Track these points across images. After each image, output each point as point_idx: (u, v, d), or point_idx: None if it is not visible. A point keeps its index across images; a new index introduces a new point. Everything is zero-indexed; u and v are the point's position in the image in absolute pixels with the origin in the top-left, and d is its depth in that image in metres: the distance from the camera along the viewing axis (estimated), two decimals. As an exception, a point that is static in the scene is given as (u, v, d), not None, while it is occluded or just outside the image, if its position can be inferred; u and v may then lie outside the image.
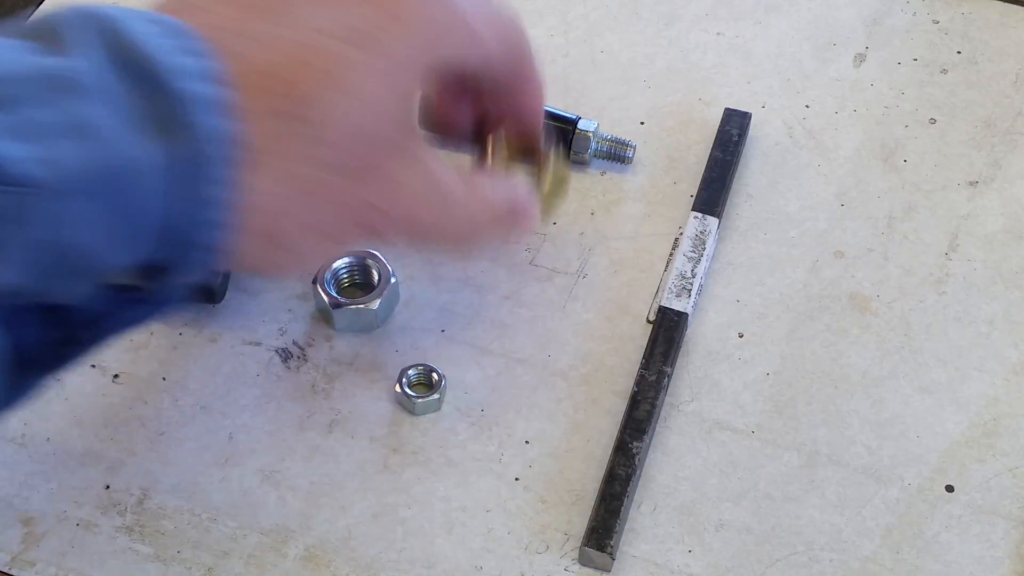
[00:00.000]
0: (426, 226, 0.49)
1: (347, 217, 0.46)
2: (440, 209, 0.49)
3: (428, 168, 0.48)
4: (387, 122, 0.46)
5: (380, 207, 0.47)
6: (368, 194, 0.46)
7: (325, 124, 0.43)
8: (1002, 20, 0.72)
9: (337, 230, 0.46)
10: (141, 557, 0.53)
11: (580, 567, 0.53)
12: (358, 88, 0.44)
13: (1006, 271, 0.62)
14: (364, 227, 0.47)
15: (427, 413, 0.57)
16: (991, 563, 0.53)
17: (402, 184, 0.47)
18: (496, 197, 0.52)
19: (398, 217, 0.48)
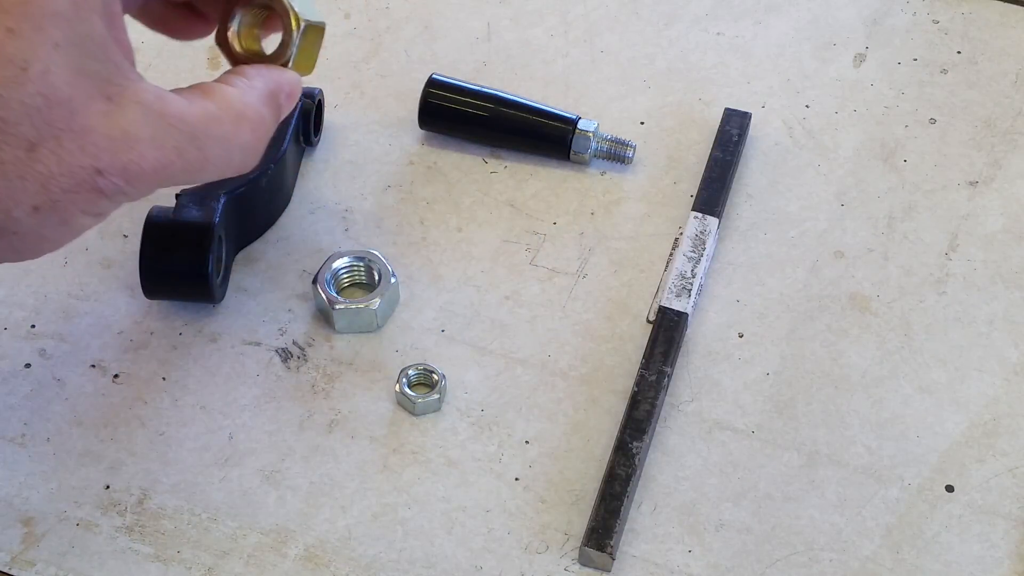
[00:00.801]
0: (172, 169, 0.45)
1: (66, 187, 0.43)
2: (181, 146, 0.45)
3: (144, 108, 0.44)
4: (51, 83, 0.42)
5: (97, 167, 0.43)
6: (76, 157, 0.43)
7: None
8: (1002, 20, 0.72)
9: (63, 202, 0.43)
10: (141, 557, 0.53)
11: (580, 567, 0.53)
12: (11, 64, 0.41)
13: (1006, 271, 0.62)
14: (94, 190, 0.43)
15: (427, 413, 0.57)
16: (991, 563, 0.53)
17: (114, 136, 0.43)
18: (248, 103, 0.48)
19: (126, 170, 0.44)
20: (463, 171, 0.66)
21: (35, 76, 0.41)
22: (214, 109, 0.47)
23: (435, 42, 0.71)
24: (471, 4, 0.73)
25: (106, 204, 0.44)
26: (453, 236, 0.63)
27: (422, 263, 0.62)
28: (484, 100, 0.65)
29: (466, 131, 0.67)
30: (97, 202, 0.44)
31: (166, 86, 0.70)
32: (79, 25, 0.43)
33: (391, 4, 0.73)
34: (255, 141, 0.48)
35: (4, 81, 0.41)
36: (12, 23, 0.41)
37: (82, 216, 0.44)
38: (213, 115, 0.46)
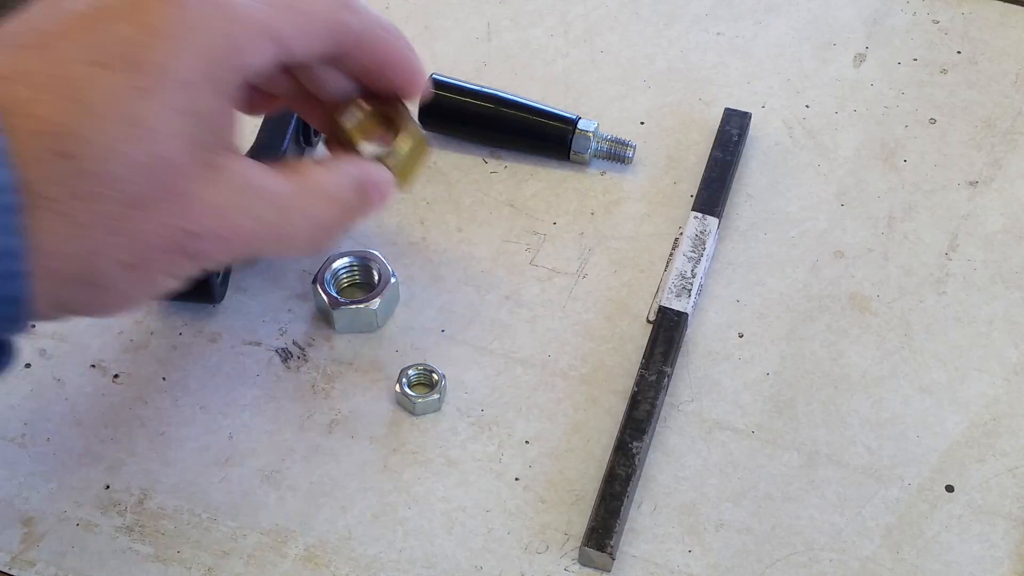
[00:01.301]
0: (258, 239, 0.47)
1: (158, 246, 0.44)
2: (270, 218, 0.47)
3: (242, 180, 0.46)
4: (170, 145, 0.43)
5: (192, 230, 0.44)
6: (174, 219, 0.44)
7: (93, 158, 0.42)
8: (1002, 20, 0.72)
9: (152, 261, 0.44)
10: (141, 557, 0.53)
11: (580, 567, 0.53)
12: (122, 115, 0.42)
13: (1006, 271, 0.62)
14: (183, 253, 0.45)
15: (427, 413, 0.57)
16: (991, 563, 0.53)
17: (213, 203, 0.45)
18: (337, 185, 0.50)
19: (218, 237, 0.45)
20: (463, 171, 0.66)
21: (152, 137, 0.43)
22: (304, 187, 0.48)
23: (435, 42, 0.71)
24: (471, 4, 0.73)
25: (191, 267, 0.46)
26: (453, 236, 0.63)
27: (422, 263, 0.62)
28: (484, 100, 0.65)
29: (466, 131, 0.67)
30: (184, 265, 0.45)
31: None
32: (201, 97, 0.44)
33: (391, 4, 0.73)
34: (338, 223, 0.50)
35: (123, 136, 0.42)
36: (144, 83, 0.42)
37: (165, 277, 0.45)
38: (303, 192, 0.48)
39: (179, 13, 0.43)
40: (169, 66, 0.43)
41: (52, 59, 0.42)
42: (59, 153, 0.41)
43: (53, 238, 0.42)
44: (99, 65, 0.42)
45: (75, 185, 0.42)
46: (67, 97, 0.42)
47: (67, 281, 0.43)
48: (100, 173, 0.42)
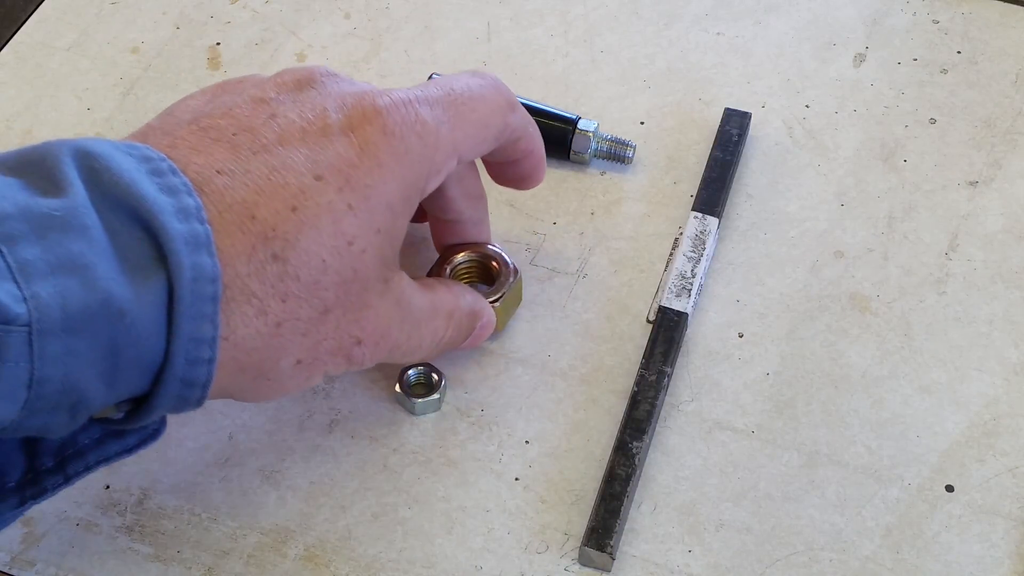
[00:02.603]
0: (399, 347, 0.50)
1: (324, 346, 0.47)
2: (411, 331, 0.51)
3: (401, 295, 0.50)
4: (365, 261, 0.46)
5: (358, 336, 0.48)
6: (350, 327, 0.47)
7: (301, 264, 0.44)
8: (1002, 20, 0.72)
9: (318, 360, 0.47)
10: (141, 557, 0.53)
11: (580, 567, 0.53)
12: (333, 228, 0.45)
13: (1006, 271, 0.62)
14: (345, 356, 0.48)
15: (427, 413, 0.57)
16: (991, 563, 0.53)
17: (380, 314, 0.48)
18: (459, 310, 0.54)
19: (376, 345, 0.49)
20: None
21: (356, 252, 0.46)
22: (435, 305, 0.52)
23: (435, 42, 0.71)
24: (471, 4, 0.73)
25: (344, 368, 0.49)
26: (453, 236, 0.63)
27: (422, 263, 0.62)
28: (484, 100, 0.65)
29: (466, 131, 0.66)
30: (342, 366, 0.48)
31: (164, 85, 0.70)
32: (397, 219, 0.48)
33: (391, 4, 0.73)
34: (450, 343, 0.54)
35: (331, 250, 0.45)
36: (354, 201, 0.46)
37: (319, 376, 0.48)
38: (434, 310, 0.52)
39: (389, 141, 0.47)
40: (378, 189, 0.46)
41: (272, 165, 0.45)
42: (272, 255, 0.44)
43: (247, 332, 0.44)
44: (317, 178, 0.45)
45: (280, 287, 0.44)
46: (285, 204, 0.44)
47: (244, 371, 0.45)
48: (305, 279, 0.45)
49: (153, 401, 0.43)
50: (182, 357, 0.42)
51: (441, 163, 0.49)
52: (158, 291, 0.41)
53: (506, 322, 0.59)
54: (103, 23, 0.72)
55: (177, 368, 0.42)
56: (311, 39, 0.71)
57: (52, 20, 0.73)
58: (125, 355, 0.41)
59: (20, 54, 0.71)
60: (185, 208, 0.42)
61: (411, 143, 0.48)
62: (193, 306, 0.41)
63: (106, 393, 0.42)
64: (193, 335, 0.42)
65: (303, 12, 0.73)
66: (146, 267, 0.41)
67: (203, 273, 0.42)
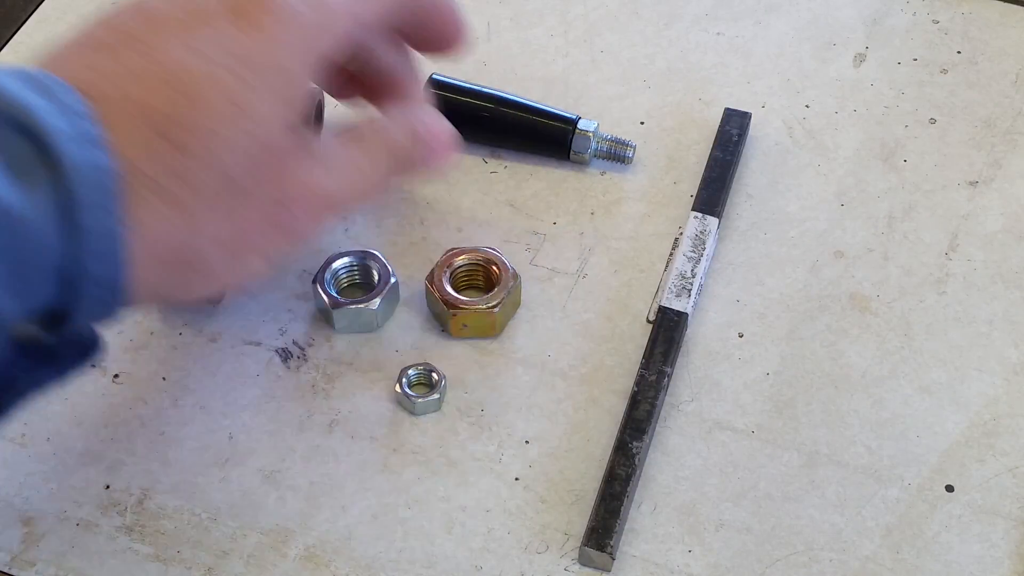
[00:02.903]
0: (338, 199, 0.50)
1: (246, 221, 0.46)
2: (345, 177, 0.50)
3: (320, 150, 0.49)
4: (268, 128, 0.46)
5: (280, 200, 0.47)
6: (262, 194, 0.46)
7: (195, 141, 0.44)
8: (1002, 20, 0.72)
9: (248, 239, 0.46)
10: (141, 557, 0.53)
11: (580, 567, 0.53)
12: (224, 102, 0.44)
13: (1006, 271, 0.62)
14: (276, 227, 0.47)
15: (427, 413, 0.57)
16: (991, 563, 0.53)
17: (296, 175, 0.47)
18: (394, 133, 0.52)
19: (307, 206, 0.48)
20: (463, 171, 0.66)
21: (255, 122, 0.45)
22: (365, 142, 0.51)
23: (435, 42, 0.71)
24: (471, 4, 0.73)
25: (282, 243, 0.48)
26: (453, 236, 0.63)
27: (422, 263, 0.62)
28: (484, 100, 0.65)
29: (466, 131, 0.66)
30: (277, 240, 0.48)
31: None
32: (295, 83, 0.47)
33: (391, 4, 0.73)
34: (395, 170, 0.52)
35: (227, 121, 0.44)
36: (244, 73, 0.45)
37: (257, 257, 0.47)
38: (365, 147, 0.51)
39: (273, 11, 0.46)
40: (267, 56, 0.45)
41: (153, 57, 0.44)
42: (164, 137, 0.43)
43: (156, 221, 0.43)
44: (201, 58, 0.44)
45: (180, 168, 0.43)
46: (171, 87, 0.44)
47: (166, 264, 0.44)
48: (204, 156, 0.44)
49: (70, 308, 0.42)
50: (90, 255, 0.41)
51: (339, 29, 0.48)
52: (50, 190, 0.40)
53: (505, 325, 0.59)
54: (103, 23, 0.72)
55: (87, 267, 0.41)
56: (311, 39, 0.71)
57: (52, 20, 0.72)
58: (26, 259, 0.40)
59: (20, 54, 0.71)
60: (70, 107, 0.41)
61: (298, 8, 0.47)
62: (92, 201, 0.41)
63: (15, 303, 0.41)
64: (96, 230, 0.41)
65: (303, 12, 0.73)
66: (34, 170, 0.40)
67: (97, 167, 0.41)
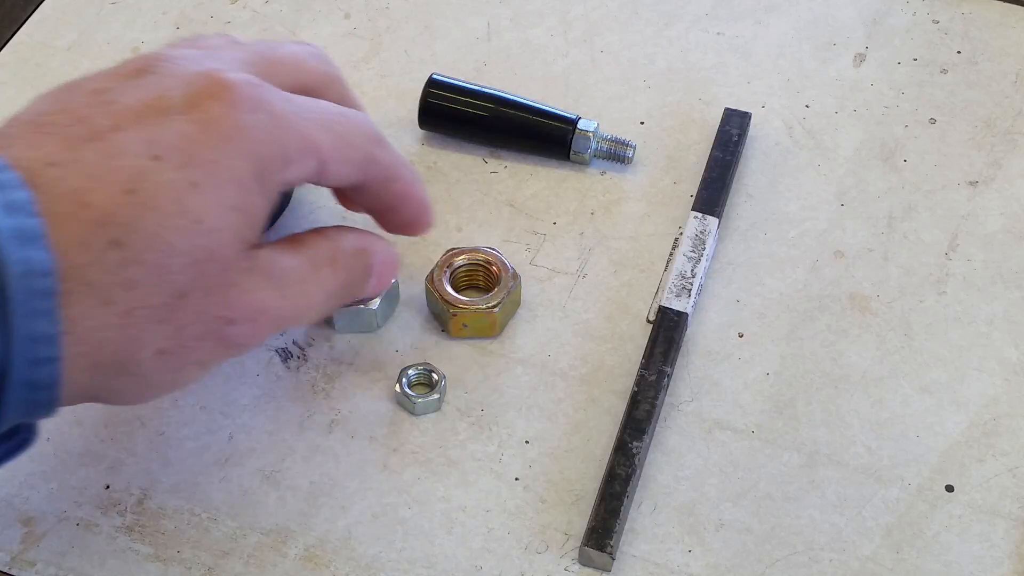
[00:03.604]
0: (284, 317, 0.48)
1: (188, 332, 0.45)
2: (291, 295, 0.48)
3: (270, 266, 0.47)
4: (219, 239, 0.44)
5: (224, 315, 0.46)
6: (214, 308, 0.45)
7: (144, 248, 0.42)
8: (1002, 20, 0.72)
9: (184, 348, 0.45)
10: (141, 557, 0.53)
11: (580, 567, 0.53)
12: (175, 208, 0.43)
13: (1006, 271, 0.62)
14: (218, 339, 0.46)
15: (427, 413, 0.57)
16: (991, 563, 0.53)
17: (246, 290, 0.46)
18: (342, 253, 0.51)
19: (251, 321, 0.47)
20: (463, 171, 0.66)
21: (204, 231, 0.44)
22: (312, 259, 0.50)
23: (435, 42, 0.71)
24: (471, 4, 0.73)
25: (221, 354, 0.47)
26: (453, 236, 0.63)
27: (422, 263, 0.62)
28: (484, 100, 0.65)
29: (466, 131, 0.66)
30: (215, 351, 0.46)
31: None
32: (249, 195, 0.45)
33: (391, 4, 0.73)
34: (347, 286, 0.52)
35: (175, 229, 0.43)
36: (198, 178, 0.43)
37: (194, 366, 0.46)
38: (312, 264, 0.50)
39: (234, 115, 0.45)
40: (223, 164, 0.44)
41: (105, 151, 0.43)
42: (110, 242, 0.42)
43: (93, 325, 0.42)
44: (154, 158, 0.43)
45: (123, 274, 0.42)
46: (121, 188, 0.42)
47: (100, 368, 0.43)
48: (150, 264, 0.43)
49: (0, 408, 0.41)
50: (21, 358, 0.40)
51: (297, 153, 0.47)
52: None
53: (505, 325, 0.59)
54: (103, 23, 0.72)
55: (18, 370, 0.40)
56: (311, 39, 0.71)
57: (52, 20, 0.73)
58: None
59: (20, 54, 0.71)
60: (12, 202, 0.40)
61: (259, 119, 0.45)
62: (26, 303, 0.40)
63: None
64: (30, 334, 0.40)
65: (303, 12, 0.73)
66: None
67: (34, 267, 0.40)
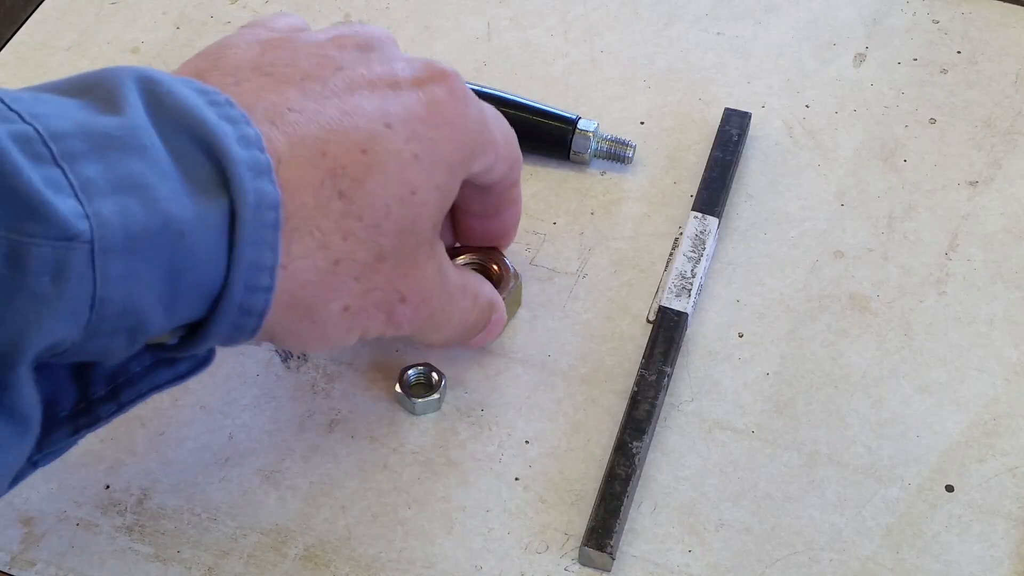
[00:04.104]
0: (433, 317, 0.50)
1: (372, 296, 0.47)
2: (446, 302, 0.51)
3: (444, 263, 0.50)
4: (423, 214, 0.47)
5: (401, 291, 0.48)
6: (394, 277, 0.47)
7: (366, 205, 0.45)
8: (1002, 20, 0.72)
9: (361, 308, 0.47)
10: (141, 557, 0.53)
11: (580, 567, 0.53)
12: (398, 175, 0.46)
13: (1006, 271, 0.62)
14: (384, 309, 0.48)
15: (427, 413, 0.57)
16: (991, 563, 0.53)
17: (425, 275, 0.49)
18: (483, 295, 0.54)
19: (416, 307, 0.49)
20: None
21: (417, 203, 0.47)
22: (465, 283, 0.53)
23: (435, 42, 0.71)
24: (471, 4, 0.73)
25: (382, 328, 0.48)
26: (453, 236, 0.63)
27: (422, 263, 0.62)
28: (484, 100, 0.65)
29: (466, 131, 0.66)
30: (381, 325, 0.48)
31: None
32: (452, 180, 0.48)
33: (391, 4, 0.73)
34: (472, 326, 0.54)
35: (395, 195, 0.46)
36: (420, 152, 0.46)
37: (358, 332, 0.48)
38: (464, 287, 0.53)
39: (455, 103, 0.48)
40: (441, 144, 0.47)
41: (345, 109, 0.45)
42: (339, 192, 0.44)
43: (305, 265, 0.44)
44: (387, 126, 0.46)
45: (344, 225, 0.44)
46: (356, 145, 0.45)
47: (294, 309, 0.45)
48: (367, 220, 0.45)
49: (210, 328, 0.43)
50: (241, 283, 0.42)
51: (486, 146, 0.50)
52: (219, 215, 0.41)
53: (505, 325, 0.59)
54: (103, 23, 0.72)
55: (236, 294, 0.42)
56: (311, 39, 0.71)
57: (52, 20, 0.73)
58: (185, 279, 0.41)
59: (20, 54, 0.71)
60: (246, 136, 0.42)
61: (471, 111, 0.49)
62: (255, 231, 0.41)
63: (165, 318, 0.41)
64: (254, 261, 0.42)
65: (303, 12, 0.73)
66: (207, 190, 0.41)
67: (265, 199, 0.42)
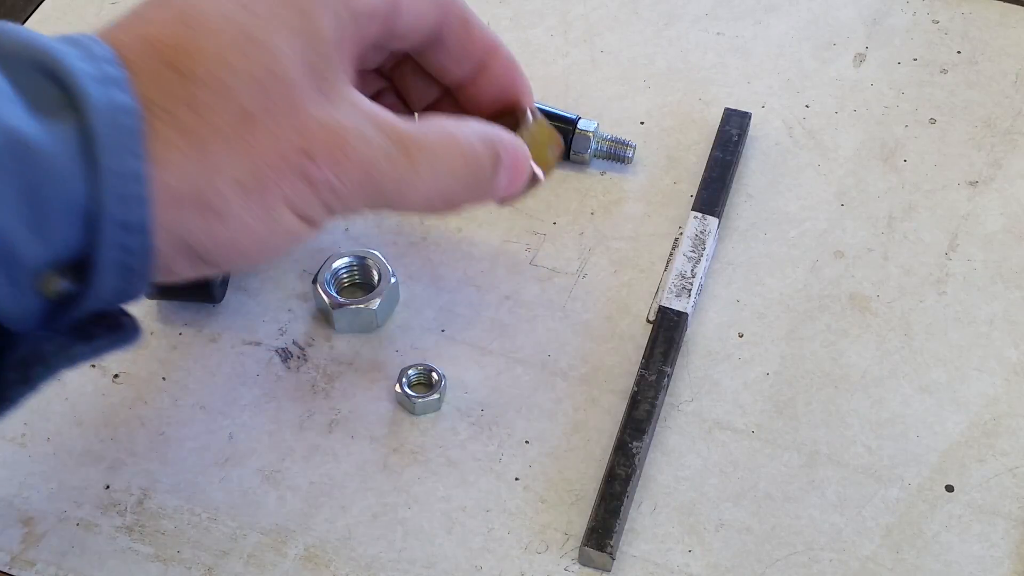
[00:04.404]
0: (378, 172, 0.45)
1: (273, 164, 0.43)
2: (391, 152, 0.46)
3: (359, 107, 0.45)
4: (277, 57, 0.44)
5: (306, 148, 0.44)
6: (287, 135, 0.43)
7: (202, 68, 0.42)
8: (1002, 20, 0.72)
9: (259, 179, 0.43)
10: (141, 557, 0.53)
11: (580, 567, 0.53)
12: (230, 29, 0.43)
13: (1006, 271, 0.62)
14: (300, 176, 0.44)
15: (427, 413, 0.57)
16: (991, 563, 0.53)
17: (327, 123, 0.44)
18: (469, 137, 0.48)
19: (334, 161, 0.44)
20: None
21: (264, 50, 0.43)
22: (433, 131, 0.47)
23: (435, 42, 0.71)
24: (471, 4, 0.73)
25: (313, 201, 0.44)
26: (453, 236, 0.63)
27: (422, 263, 0.62)
28: (484, 100, 0.65)
29: (466, 131, 0.66)
30: (303, 192, 0.44)
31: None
32: (315, 21, 0.45)
33: (391, 4, 0.73)
34: (465, 171, 0.48)
35: (235, 50, 0.43)
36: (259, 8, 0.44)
37: (287, 211, 0.44)
38: (430, 136, 0.47)
39: None
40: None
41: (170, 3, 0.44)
42: (173, 67, 0.42)
43: (171, 154, 0.42)
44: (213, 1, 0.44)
45: (189, 96, 0.42)
46: (178, 19, 0.43)
47: (185, 205, 0.42)
48: (213, 84, 0.43)
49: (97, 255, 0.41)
50: (111, 195, 0.40)
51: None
52: (72, 128, 0.40)
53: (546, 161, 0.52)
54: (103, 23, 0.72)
55: (109, 208, 0.40)
56: (311, 39, 0.71)
57: (52, 20, 0.72)
58: (46, 196, 0.39)
59: (20, 54, 0.71)
60: (94, 53, 0.41)
61: None
62: (113, 139, 0.40)
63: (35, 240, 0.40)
64: (118, 170, 0.40)
65: (303, 12, 0.73)
66: (55, 108, 0.40)
67: (119, 107, 0.41)
